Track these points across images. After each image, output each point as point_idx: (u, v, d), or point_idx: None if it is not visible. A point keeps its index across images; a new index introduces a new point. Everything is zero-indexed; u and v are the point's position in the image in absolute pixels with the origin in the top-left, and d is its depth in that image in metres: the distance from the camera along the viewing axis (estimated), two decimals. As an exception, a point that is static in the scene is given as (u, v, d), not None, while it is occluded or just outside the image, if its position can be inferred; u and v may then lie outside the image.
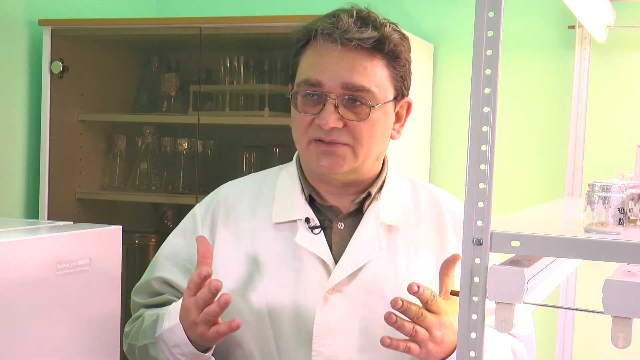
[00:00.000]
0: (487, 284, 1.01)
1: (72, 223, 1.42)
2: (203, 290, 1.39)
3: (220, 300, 1.37)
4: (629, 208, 1.19)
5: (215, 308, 1.38)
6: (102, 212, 3.01)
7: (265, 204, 1.59)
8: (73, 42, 2.86)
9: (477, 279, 1.01)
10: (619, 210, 1.07)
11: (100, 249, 1.35)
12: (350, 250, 1.51)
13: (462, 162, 1.05)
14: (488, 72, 1.00)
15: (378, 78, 1.49)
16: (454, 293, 1.38)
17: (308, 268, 1.51)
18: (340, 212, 1.57)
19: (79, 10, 3.02)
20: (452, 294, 1.40)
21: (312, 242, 1.52)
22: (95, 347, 1.35)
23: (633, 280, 0.96)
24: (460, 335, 1.02)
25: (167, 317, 1.48)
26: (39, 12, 2.84)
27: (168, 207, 3.17)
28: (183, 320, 1.43)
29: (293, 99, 1.53)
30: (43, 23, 2.79)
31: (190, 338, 1.43)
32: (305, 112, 1.50)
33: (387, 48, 1.49)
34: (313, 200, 1.57)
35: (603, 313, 0.97)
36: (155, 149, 3.06)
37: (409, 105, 1.59)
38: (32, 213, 2.86)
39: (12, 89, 2.78)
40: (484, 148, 1.01)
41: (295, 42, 1.55)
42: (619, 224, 1.07)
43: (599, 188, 1.08)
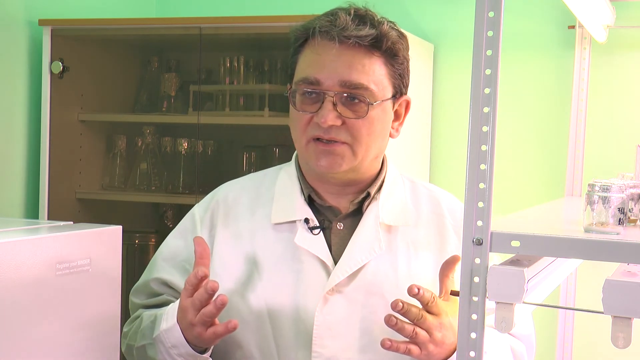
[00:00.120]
0: (487, 284, 1.01)
1: (72, 223, 1.42)
2: (200, 291, 1.38)
3: (217, 301, 1.37)
4: (629, 208, 1.19)
5: (212, 309, 1.37)
6: (102, 212, 3.01)
7: (265, 204, 1.59)
8: (73, 42, 2.86)
9: (477, 279, 1.01)
10: (619, 210, 1.07)
11: (100, 249, 1.35)
12: (350, 251, 1.51)
13: (462, 162, 1.05)
14: (488, 72, 1.00)
15: (376, 76, 1.49)
16: (454, 293, 1.38)
17: (307, 269, 1.51)
18: (340, 212, 1.56)
19: (79, 10, 3.02)
20: (452, 294, 1.39)
21: (311, 242, 1.52)
22: (95, 347, 1.35)
23: (633, 280, 0.96)
24: (460, 335, 1.02)
25: (164, 317, 1.48)
26: (39, 12, 2.84)
27: (168, 207, 3.17)
28: (180, 321, 1.43)
29: (291, 98, 1.53)
30: (43, 23, 2.79)
31: (188, 339, 1.43)
32: (304, 110, 1.50)
33: (385, 46, 1.49)
34: (312, 201, 1.57)
35: (603, 313, 0.97)
36: (155, 149, 3.05)
37: (408, 104, 1.59)
38: (32, 213, 2.86)
39: (12, 89, 2.78)
40: (484, 148, 1.01)
41: (294, 41, 1.54)
42: (619, 224, 1.07)
43: (599, 188, 1.08)
